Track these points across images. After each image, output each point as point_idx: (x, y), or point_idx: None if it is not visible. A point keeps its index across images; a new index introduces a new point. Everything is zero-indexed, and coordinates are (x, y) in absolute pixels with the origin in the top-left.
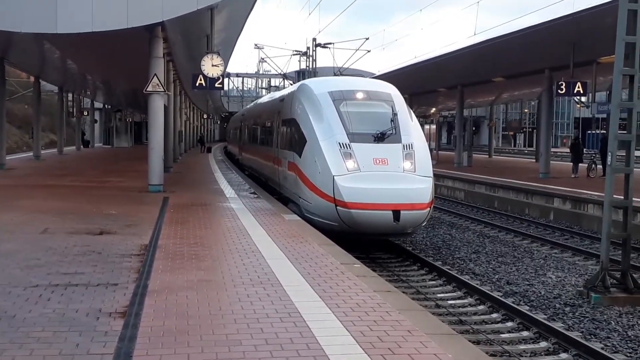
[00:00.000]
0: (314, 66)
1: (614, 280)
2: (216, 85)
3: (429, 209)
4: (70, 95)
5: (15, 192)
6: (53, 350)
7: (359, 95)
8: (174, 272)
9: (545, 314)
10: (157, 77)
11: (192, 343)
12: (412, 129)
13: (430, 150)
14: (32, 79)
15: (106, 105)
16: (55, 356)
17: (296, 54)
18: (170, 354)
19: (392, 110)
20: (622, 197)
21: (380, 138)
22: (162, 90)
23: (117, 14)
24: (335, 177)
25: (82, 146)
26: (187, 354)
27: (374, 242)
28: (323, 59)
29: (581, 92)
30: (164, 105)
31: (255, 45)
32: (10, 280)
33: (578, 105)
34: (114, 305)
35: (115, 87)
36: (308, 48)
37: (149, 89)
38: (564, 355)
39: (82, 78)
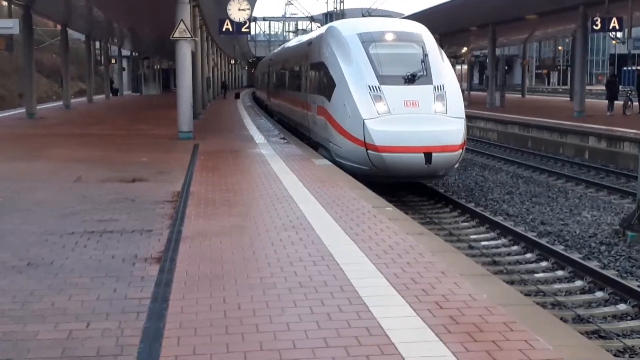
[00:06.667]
0: (342, 8)
1: None
2: (243, 30)
3: (461, 150)
4: (97, 43)
5: (47, 142)
6: (91, 295)
7: (389, 37)
8: (207, 218)
9: (580, 253)
10: (183, 22)
11: (227, 287)
12: (444, 70)
13: (462, 91)
14: (59, 27)
15: (134, 53)
16: (93, 301)
17: None
18: (206, 297)
19: (423, 51)
20: None
21: (410, 80)
22: (189, 36)
23: None
24: (365, 121)
25: (111, 94)
26: (222, 297)
27: (405, 185)
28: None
29: (617, 27)
30: (192, 51)
31: None
32: (47, 228)
33: (613, 42)
34: (149, 251)
35: (142, 34)
36: None
37: (176, 35)
38: (599, 293)
39: (109, 25)
